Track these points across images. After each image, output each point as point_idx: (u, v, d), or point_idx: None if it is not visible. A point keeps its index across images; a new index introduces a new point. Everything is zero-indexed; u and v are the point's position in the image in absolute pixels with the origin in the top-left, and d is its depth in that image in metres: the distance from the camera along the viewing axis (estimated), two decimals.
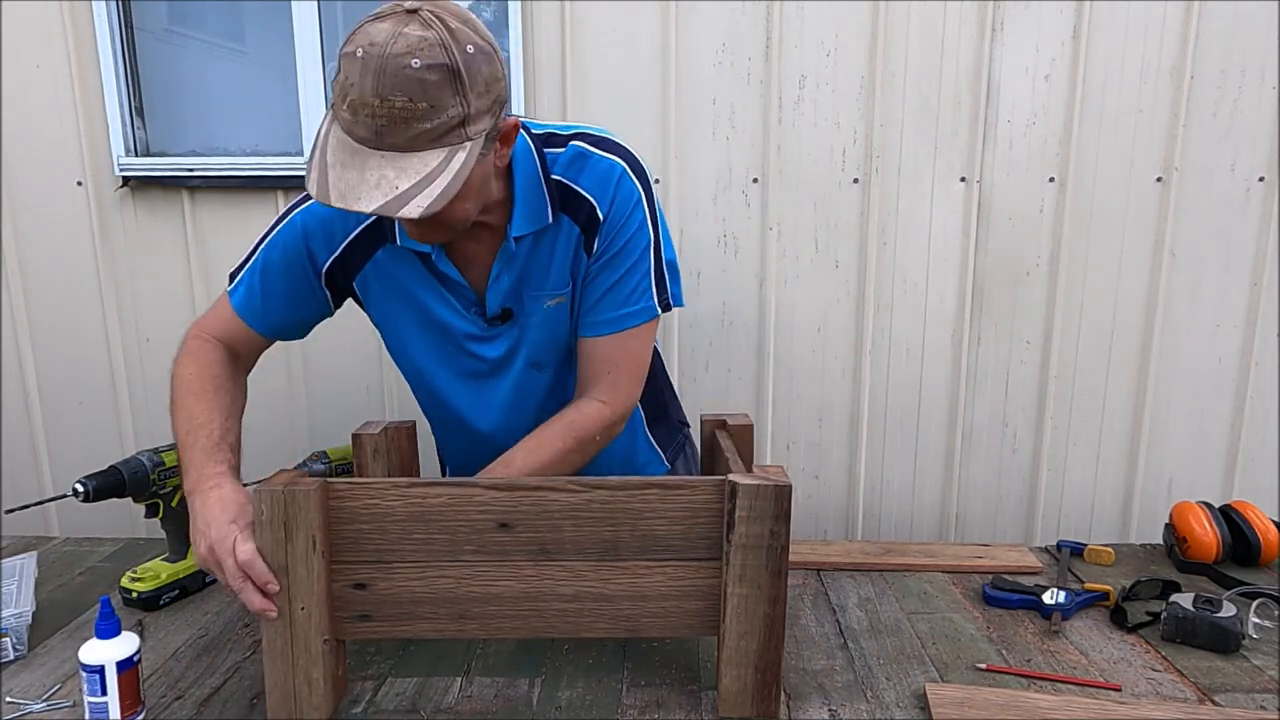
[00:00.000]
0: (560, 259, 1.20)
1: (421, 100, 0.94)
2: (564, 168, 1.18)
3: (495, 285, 1.21)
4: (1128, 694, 1.08)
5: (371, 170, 0.96)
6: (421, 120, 0.95)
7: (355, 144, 0.97)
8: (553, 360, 1.28)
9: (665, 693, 1.09)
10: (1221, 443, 2.12)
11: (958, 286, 2.06)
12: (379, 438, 1.31)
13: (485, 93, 0.99)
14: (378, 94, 0.93)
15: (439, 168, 0.97)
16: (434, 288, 1.23)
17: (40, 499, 1.65)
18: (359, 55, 0.94)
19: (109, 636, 0.98)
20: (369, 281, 1.25)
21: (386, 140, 0.96)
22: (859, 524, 2.17)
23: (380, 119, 0.94)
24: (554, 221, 1.18)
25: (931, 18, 1.94)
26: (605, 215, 1.18)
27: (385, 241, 1.21)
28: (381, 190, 0.96)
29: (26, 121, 2.02)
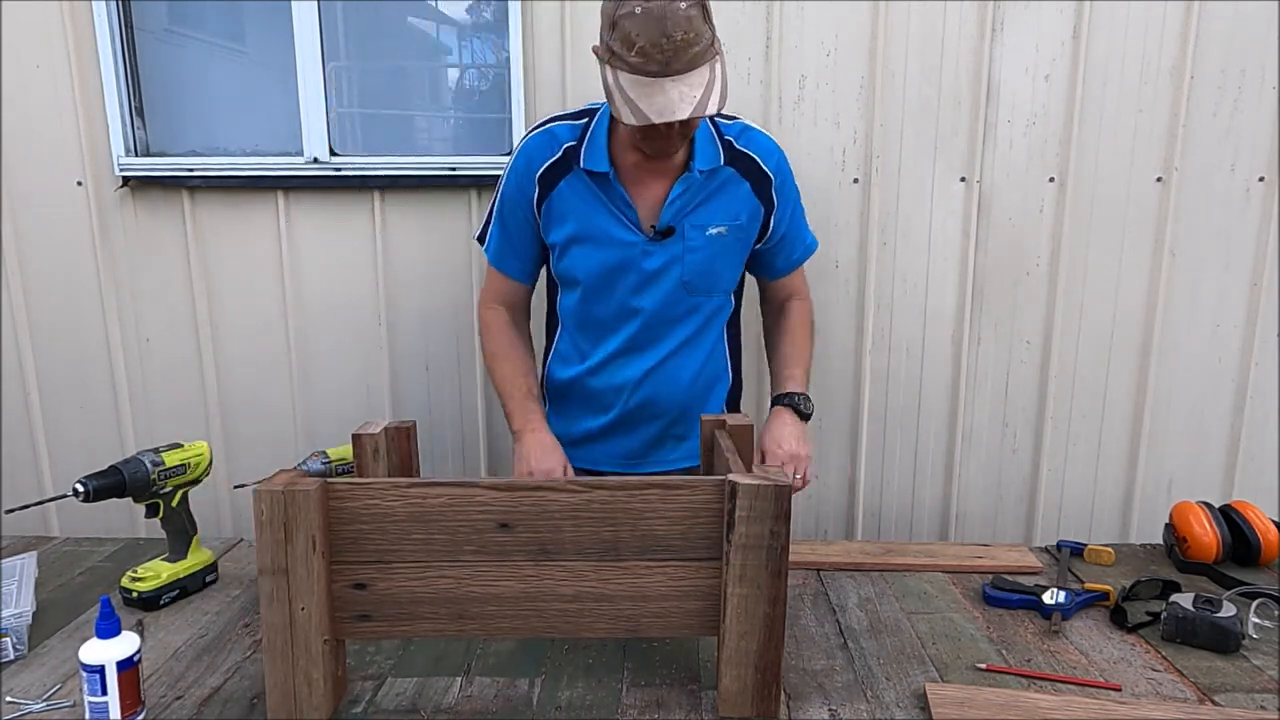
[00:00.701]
0: (726, 201, 1.51)
1: (691, 31, 1.26)
2: (735, 134, 1.53)
3: (670, 205, 1.48)
4: (1128, 694, 1.08)
5: (670, 91, 1.27)
6: (694, 45, 1.27)
7: (647, 79, 1.28)
8: (704, 286, 1.55)
9: (665, 693, 1.09)
10: (1221, 443, 2.12)
11: (958, 286, 2.06)
12: (379, 437, 1.31)
13: (713, 19, 1.32)
14: (664, 34, 1.24)
15: (711, 77, 1.30)
16: (606, 207, 1.49)
17: (40, 499, 1.65)
18: (638, 12, 1.25)
19: (109, 636, 0.98)
20: (552, 206, 1.51)
21: (673, 67, 1.27)
22: (859, 524, 2.17)
23: (668, 52, 1.25)
24: (723, 165, 1.50)
25: (931, 18, 1.94)
26: (773, 174, 1.53)
27: (568, 171, 1.49)
28: (686, 102, 1.27)
29: (26, 121, 2.02)
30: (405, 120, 2.19)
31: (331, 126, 2.04)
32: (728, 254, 1.55)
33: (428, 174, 2.02)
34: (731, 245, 1.54)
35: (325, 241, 2.08)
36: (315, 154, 2.03)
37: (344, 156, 2.05)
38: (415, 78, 2.22)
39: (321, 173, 2.03)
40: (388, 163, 2.02)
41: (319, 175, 2.04)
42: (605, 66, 1.32)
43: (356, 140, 2.14)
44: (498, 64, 2.10)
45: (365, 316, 2.10)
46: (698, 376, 1.61)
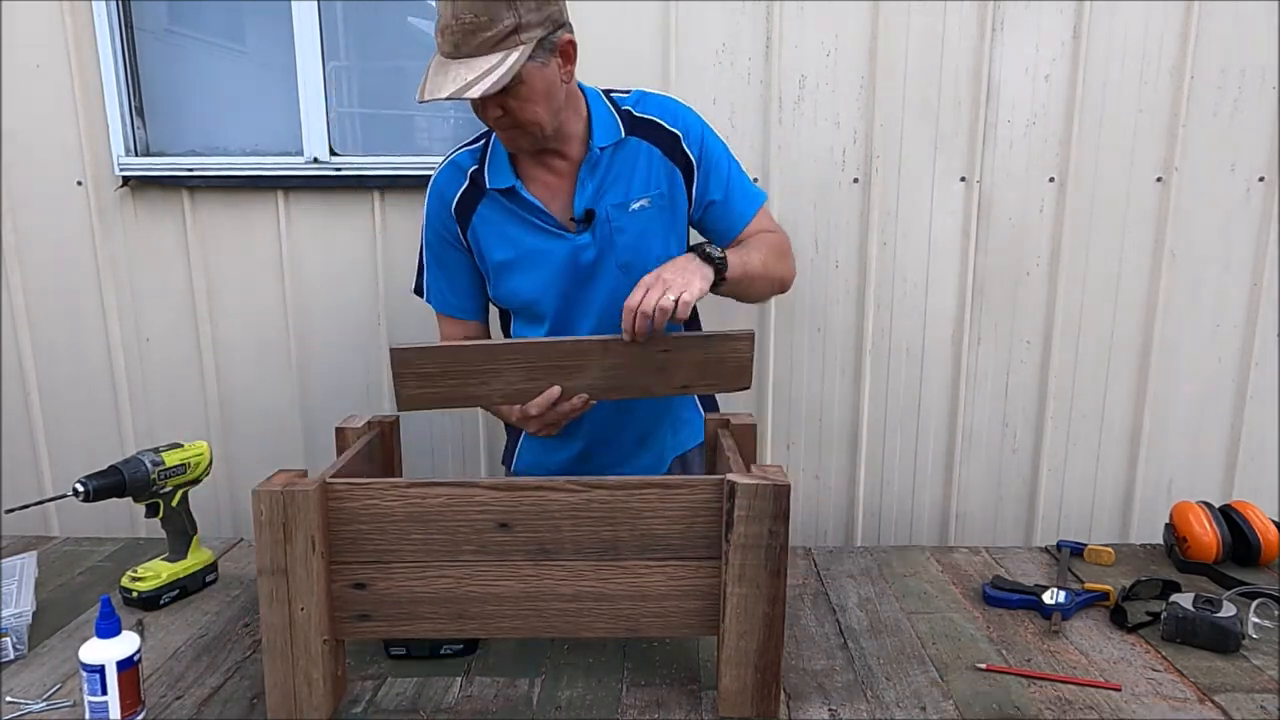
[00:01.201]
0: (639, 171, 1.46)
1: (483, 15, 1.24)
2: (632, 103, 1.48)
3: (581, 190, 1.44)
4: (1128, 694, 1.08)
5: (451, 72, 1.27)
6: (483, 30, 1.25)
7: (443, 60, 1.29)
8: (640, 264, 1.43)
9: (665, 693, 1.09)
10: (1221, 443, 2.12)
11: (958, 287, 2.06)
12: (361, 431, 1.31)
13: (535, 10, 1.28)
14: (454, 15, 1.25)
15: (497, 64, 1.26)
16: (523, 219, 1.46)
17: (40, 499, 1.65)
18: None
19: (109, 636, 0.98)
20: (476, 235, 1.49)
21: (461, 50, 1.26)
22: (859, 524, 2.17)
23: (456, 34, 1.25)
24: (625, 137, 1.45)
25: (931, 18, 1.94)
26: (682, 131, 1.47)
27: (481, 196, 1.47)
28: (455, 83, 1.25)
29: (26, 121, 2.02)
30: (405, 120, 2.19)
31: (331, 126, 2.04)
32: (657, 225, 1.47)
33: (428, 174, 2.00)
34: (659, 215, 1.47)
35: (325, 241, 2.08)
36: (315, 154, 2.03)
37: (344, 156, 2.05)
38: (415, 78, 2.21)
39: (321, 172, 2.04)
40: (387, 163, 2.02)
41: (319, 175, 2.04)
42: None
43: (356, 140, 2.14)
44: None
45: (365, 316, 2.11)
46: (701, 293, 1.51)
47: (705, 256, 1.35)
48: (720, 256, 1.35)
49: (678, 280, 1.29)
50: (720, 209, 1.52)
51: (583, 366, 1.29)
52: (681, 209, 1.50)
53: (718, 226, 1.53)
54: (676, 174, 1.47)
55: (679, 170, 1.47)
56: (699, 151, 1.48)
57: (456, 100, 1.27)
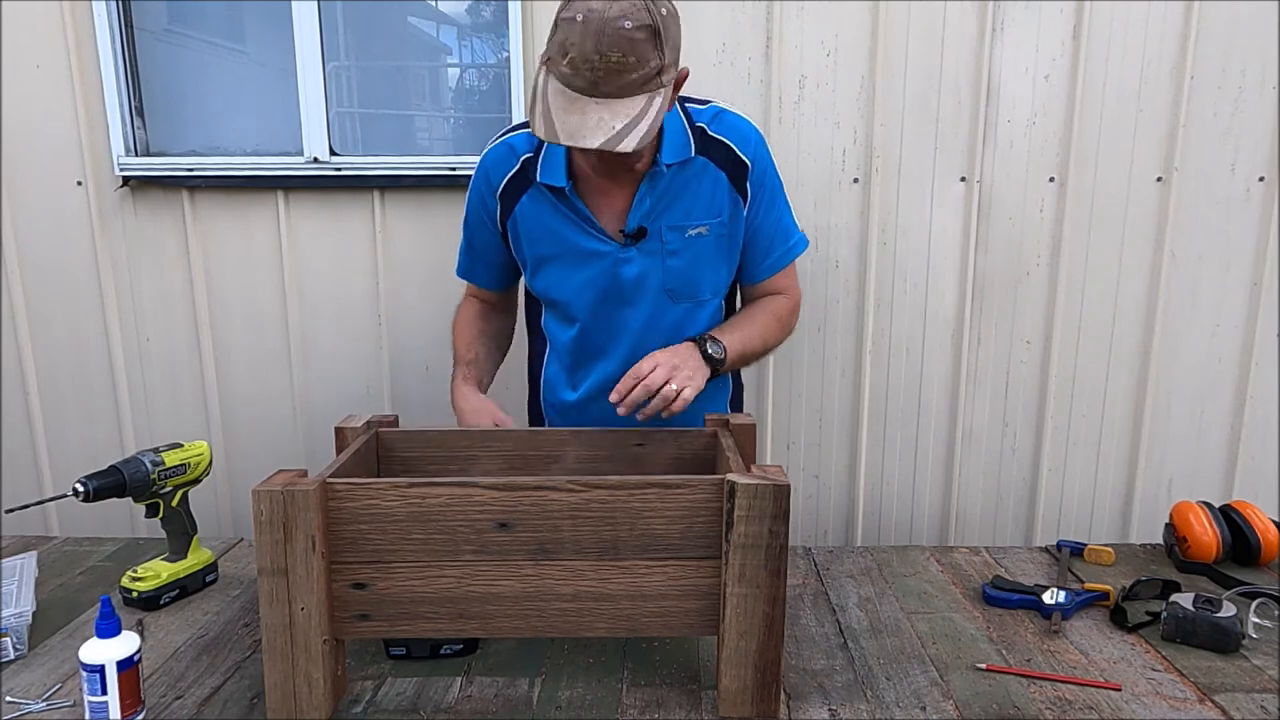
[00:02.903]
0: (704, 196, 1.38)
1: (631, 55, 1.13)
2: (707, 120, 1.39)
3: (638, 205, 1.36)
4: (1128, 694, 1.08)
5: (590, 114, 1.15)
6: (630, 71, 1.14)
7: (573, 93, 1.16)
8: (688, 292, 1.42)
9: (665, 693, 1.09)
10: (1221, 443, 2.12)
11: (958, 286, 2.06)
12: (361, 431, 1.31)
13: (674, 48, 1.20)
14: (598, 51, 1.12)
15: (643, 110, 1.17)
16: (569, 219, 1.39)
17: (40, 499, 1.65)
18: (579, 19, 1.13)
19: (109, 636, 0.98)
20: (516, 224, 1.43)
21: (601, 89, 1.15)
22: (859, 524, 2.17)
23: (598, 71, 1.14)
24: (695, 156, 1.36)
25: (931, 18, 1.94)
26: (751, 162, 1.39)
27: (529, 185, 1.39)
28: (601, 130, 1.15)
29: (26, 121, 2.02)
30: (405, 120, 2.20)
31: (331, 126, 2.04)
32: (712, 255, 1.41)
33: (427, 174, 2.02)
34: (715, 244, 1.41)
35: (325, 241, 2.08)
36: (315, 154, 2.03)
37: (344, 156, 2.05)
38: (415, 78, 2.22)
39: (321, 172, 2.04)
40: (387, 163, 2.02)
41: (319, 175, 2.04)
42: (542, 68, 1.21)
43: (356, 140, 2.14)
44: (497, 64, 2.10)
45: (365, 316, 2.11)
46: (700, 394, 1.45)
47: (706, 356, 1.32)
48: (720, 358, 1.34)
49: (685, 373, 1.26)
50: (757, 252, 1.46)
51: (559, 457, 1.30)
52: (738, 240, 1.44)
53: (747, 266, 1.48)
54: (739, 204, 1.40)
55: (740, 200, 1.40)
56: (759, 188, 1.41)
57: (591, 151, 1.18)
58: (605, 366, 1.46)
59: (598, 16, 1.11)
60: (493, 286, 1.57)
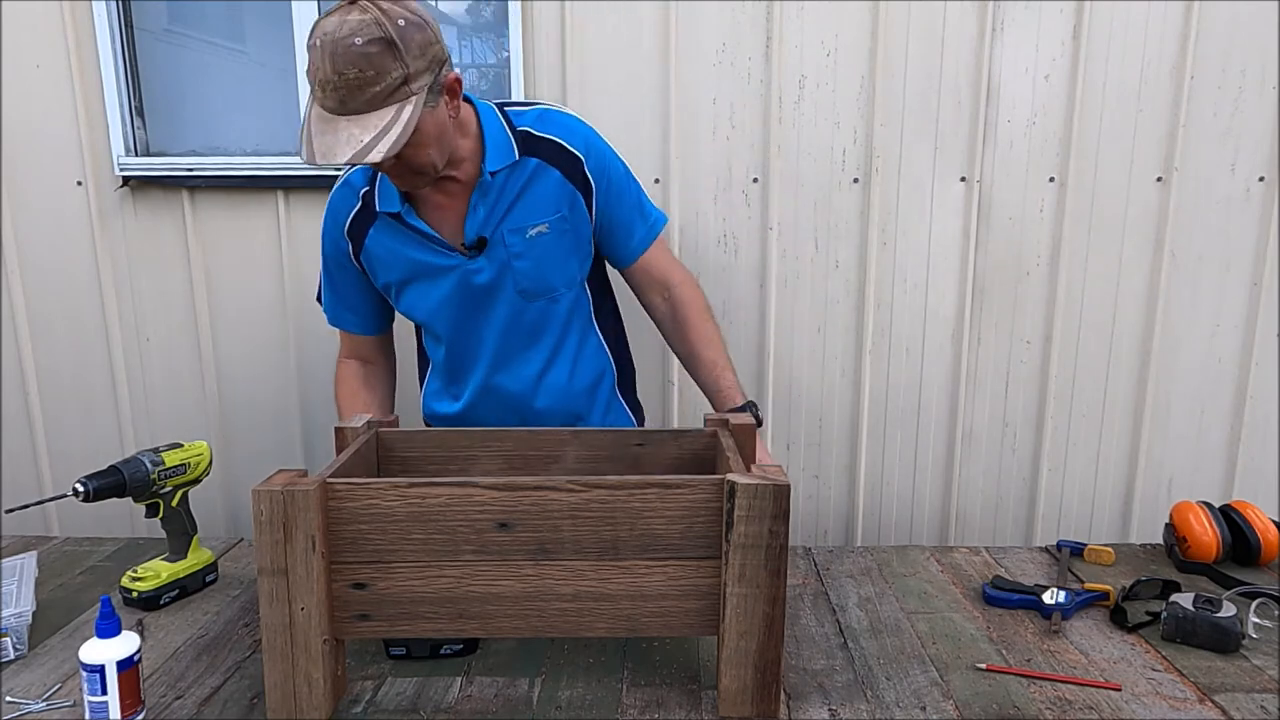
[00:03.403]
0: (538, 195, 1.42)
1: (368, 69, 1.17)
2: (531, 121, 1.42)
3: (472, 215, 1.41)
4: (1128, 694, 1.08)
5: (341, 131, 1.20)
6: (371, 85, 1.18)
7: (328, 115, 1.21)
8: (541, 290, 1.46)
9: (665, 693, 1.09)
10: (1221, 443, 2.12)
11: (958, 286, 2.06)
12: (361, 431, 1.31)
13: (420, 55, 1.21)
14: (335, 70, 1.17)
15: (392, 120, 1.20)
16: (413, 239, 1.43)
17: (40, 499, 1.65)
18: (318, 44, 1.18)
19: (109, 636, 0.98)
20: (370, 256, 1.47)
21: (348, 106, 1.19)
22: (859, 524, 2.17)
23: (340, 90, 1.18)
24: (520, 158, 1.40)
25: (931, 18, 1.94)
26: (584, 154, 1.43)
27: (374, 218, 1.43)
28: (350, 145, 1.19)
29: (26, 121, 2.02)
30: None
31: None
32: (557, 250, 1.45)
33: None
34: (559, 240, 1.44)
35: None
36: None
37: None
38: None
39: (321, 173, 2.03)
40: None
41: (319, 175, 2.03)
42: (310, 97, 1.24)
43: None
44: (498, 64, 2.10)
45: None
46: (571, 380, 1.54)
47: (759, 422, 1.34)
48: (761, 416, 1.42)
49: None
50: (620, 235, 1.51)
51: (559, 457, 1.31)
52: (585, 231, 1.48)
53: (613, 251, 1.54)
54: (578, 196, 1.44)
55: (579, 193, 1.44)
56: (600, 174, 1.45)
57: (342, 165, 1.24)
58: (477, 374, 1.52)
59: (331, 38, 1.16)
60: (366, 331, 1.58)
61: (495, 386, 1.52)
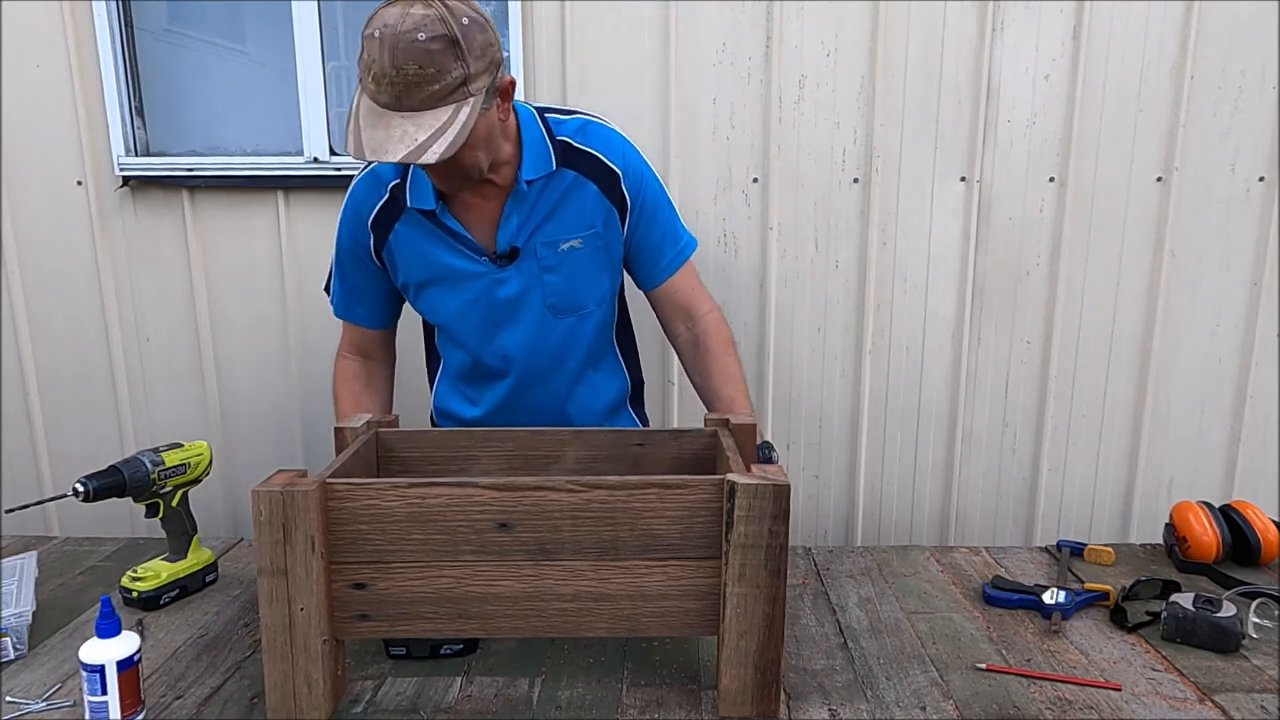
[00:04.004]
0: (573, 208, 1.38)
1: (429, 66, 1.13)
2: (571, 132, 1.39)
3: (505, 224, 1.37)
4: (1128, 694, 1.08)
5: (395, 128, 1.15)
6: (430, 83, 1.14)
7: (380, 109, 1.16)
8: (572, 306, 1.44)
9: (665, 693, 1.09)
10: (1221, 443, 2.12)
11: (958, 286, 2.06)
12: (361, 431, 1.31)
13: (481, 56, 1.18)
14: (394, 64, 1.12)
15: (449, 121, 1.16)
16: (443, 240, 1.39)
17: (40, 499, 1.65)
18: (376, 35, 1.13)
19: (109, 636, 0.98)
20: (392, 252, 1.42)
21: (404, 103, 1.15)
22: (859, 524, 2.17)
23: (398, 85, 1.13)
24: (557, 169, 1.36)
25: (931, 18, 1.94)
26: (622, 170, 1.39)
27: (401, 212, 1.39)
28: (404, 143, 1.14)
29: (26, 121, 2.03)
30: None
31: (331, 126, 2.04)
32: (590, 266, 1.42)
33: None
34: (592, 256, 1.41)
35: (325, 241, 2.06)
36: (315, 154, 2.03)
37: (344, 156, 2.05)
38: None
39: (321, 172, 2.04)
40: None
41: (319, 175, 2.04)
42: (358, 88, 1.20)
43: None
44: None
45: None
46: (596, 398, 1.52)
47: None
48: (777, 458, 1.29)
49: None
50: (649, 256, 1.47)
51: (559, 457, 1.30)
52: (617, 250, 1.45)
53: (639, 272, 1.50)
54: (613, 213, 1.41)
55: (615, 209, 1.41)
56: (637, 193, 1.41)
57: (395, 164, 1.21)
58: (502, 385, 1.49)
59: (392, 31, 1.12)
60: (374, 325, 1.54)
61: (522, 403, 1.49)
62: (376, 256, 1.44)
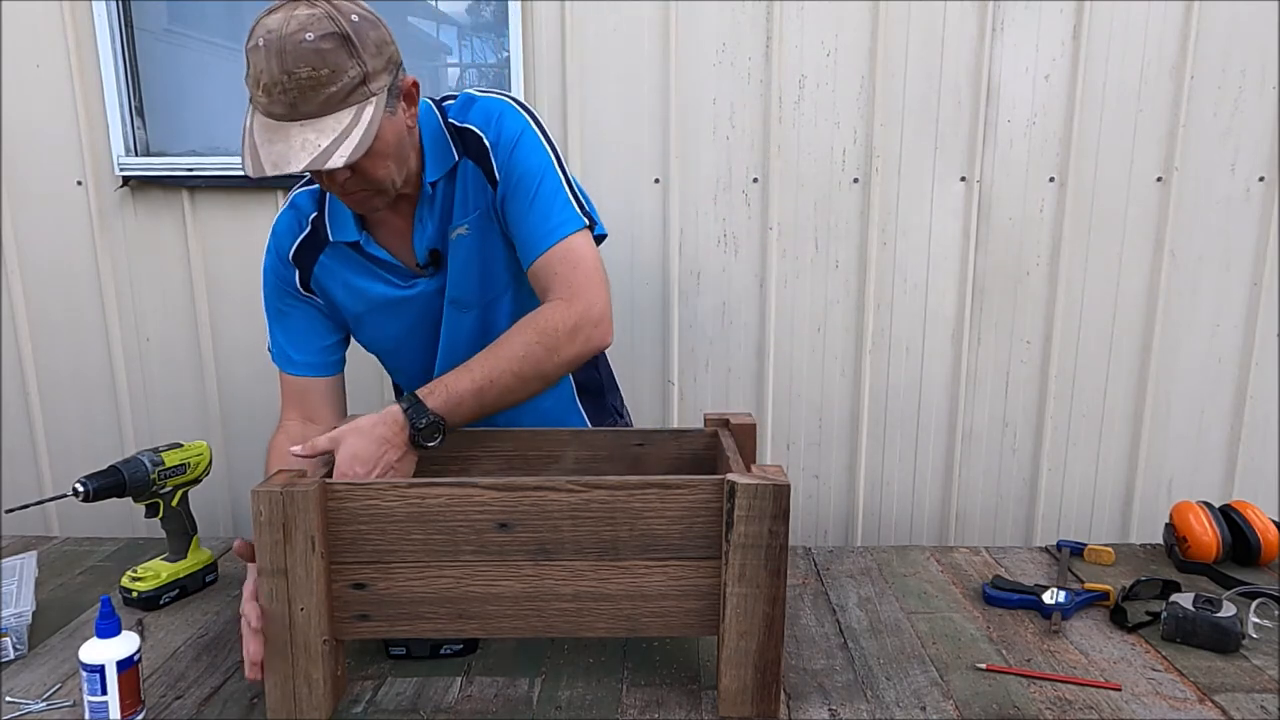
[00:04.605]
0: (464, 194, 1.28)
1: (323, 67, 1.06)
2: (456, 112, 1.28)
3: (420, 232, 1.29)
4: (1128, 694, 1.08)
5: (294, 138, 1.08)
6: (326, 85, 1.07)
7: (275, 122, 1.09)
8: (473, 299, 1.33)
9: (665, 693, 1.09)
10: (1221, 443, 2.12)
11: (958, 286, 2.06)
12: None
13: (378, 54, 1.12)
14: (284, 70, 1.05)
15: (352, 123, 1.09)
16: (371, 271, 1.32)
17: (40, 499, 1.65)
18: (261, 44, 1.06)
19: (109, 636, 0.98)
20: (321, 285, 1.35)
21: (300, 110, 1.07)
22: (859, 524, 2.17)
23: (291, 92, 1.06)
24: (459, 159, 1.27)
25: (931, 18, 1.94)
26: (493, 142, 1.25)
27: (324, 245, 1.32)
28: (306, 151, 1.07)
29: (26, 121, 2.02)
30: None
31: None
32: (482, 251, 1.30)
33: None
34: (481, 240, 1.29)
35: None
36: None
37: None
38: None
39: None
40: None
41: None
42: (249, 107, 1.12)
43: None
44: (498, 64, 2.10)
45: None
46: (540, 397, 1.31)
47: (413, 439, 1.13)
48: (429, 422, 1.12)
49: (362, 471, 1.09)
50: (519, 235, 1.27)
51: (558, 457, 1.29)
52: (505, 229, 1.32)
53: (518, 251, 1.30)
54: (488, 190, 1.28)
55: (489, 186, 1.27)
56: (506, 165, 1.25)
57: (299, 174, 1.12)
58: None
59: (277, 36, 1.05)
60: (317, 371, 1.39)
61: None
62: (304, 288, 1.35)
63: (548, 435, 1.31)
